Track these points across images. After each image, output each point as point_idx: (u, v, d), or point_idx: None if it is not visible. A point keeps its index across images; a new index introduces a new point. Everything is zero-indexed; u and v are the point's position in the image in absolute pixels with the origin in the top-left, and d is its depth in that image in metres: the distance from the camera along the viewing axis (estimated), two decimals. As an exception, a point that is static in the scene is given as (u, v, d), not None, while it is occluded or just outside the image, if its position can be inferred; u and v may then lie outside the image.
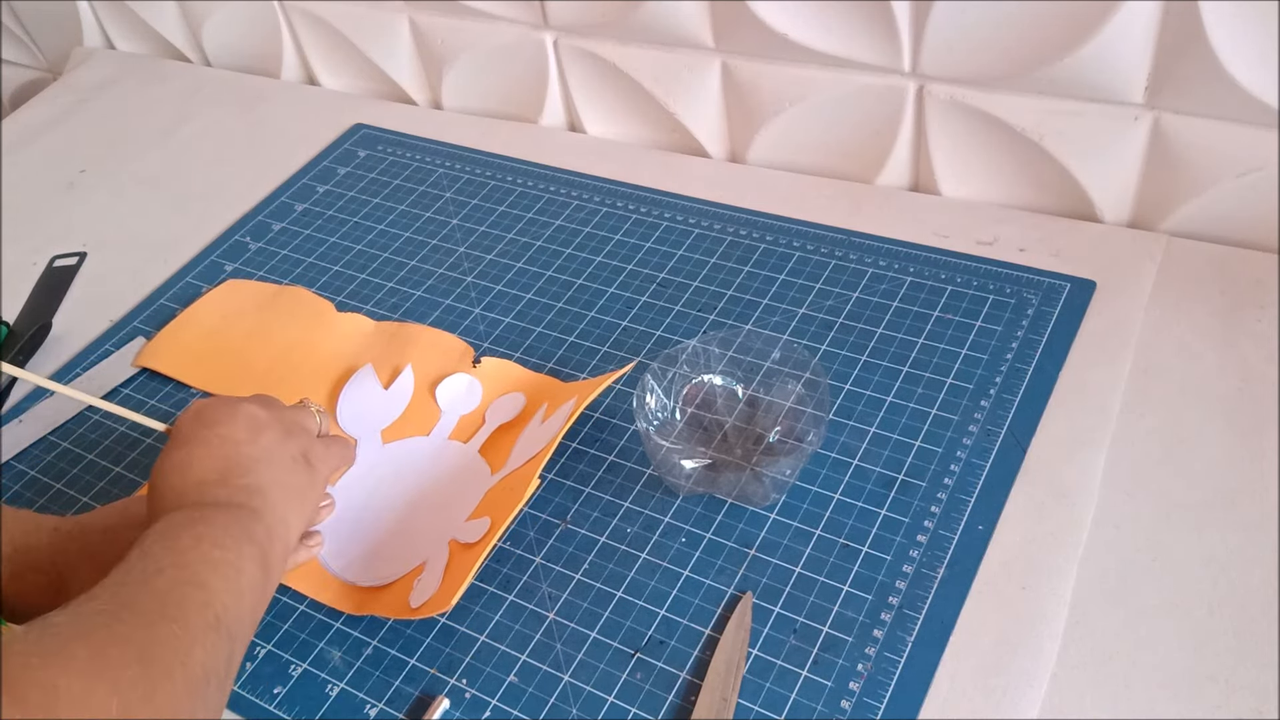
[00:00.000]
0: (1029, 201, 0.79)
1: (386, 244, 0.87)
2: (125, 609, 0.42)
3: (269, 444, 0.56)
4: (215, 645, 0.44)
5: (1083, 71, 0.69)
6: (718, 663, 0.55)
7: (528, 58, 0.93)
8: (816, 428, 0.62)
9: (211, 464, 0.53)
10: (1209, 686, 0.51)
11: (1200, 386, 0.64)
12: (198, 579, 0.45)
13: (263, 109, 1.07)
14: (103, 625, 0.41)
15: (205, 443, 0.54)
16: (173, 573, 0.45)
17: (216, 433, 0.55)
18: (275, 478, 0.55)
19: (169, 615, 0.43)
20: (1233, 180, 0.70)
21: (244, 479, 0.53)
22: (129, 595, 0.44)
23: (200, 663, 0.42)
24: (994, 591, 0.56)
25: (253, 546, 0.50)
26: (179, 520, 0.49)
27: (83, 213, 0.98)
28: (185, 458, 0.54)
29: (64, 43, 1.24)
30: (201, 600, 0.45)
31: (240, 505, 0.52)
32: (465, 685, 0.57)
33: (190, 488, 0.52)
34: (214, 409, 0.56)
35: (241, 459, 0.54)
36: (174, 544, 0.47)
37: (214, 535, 0.48)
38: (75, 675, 0.37)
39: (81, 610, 0.42)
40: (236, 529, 0.50)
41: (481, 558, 0.59)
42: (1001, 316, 0.70)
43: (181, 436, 0.55)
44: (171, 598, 0.44)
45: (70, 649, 0.39)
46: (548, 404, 0.68)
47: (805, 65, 0.80)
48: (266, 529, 0.52)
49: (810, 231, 0.80)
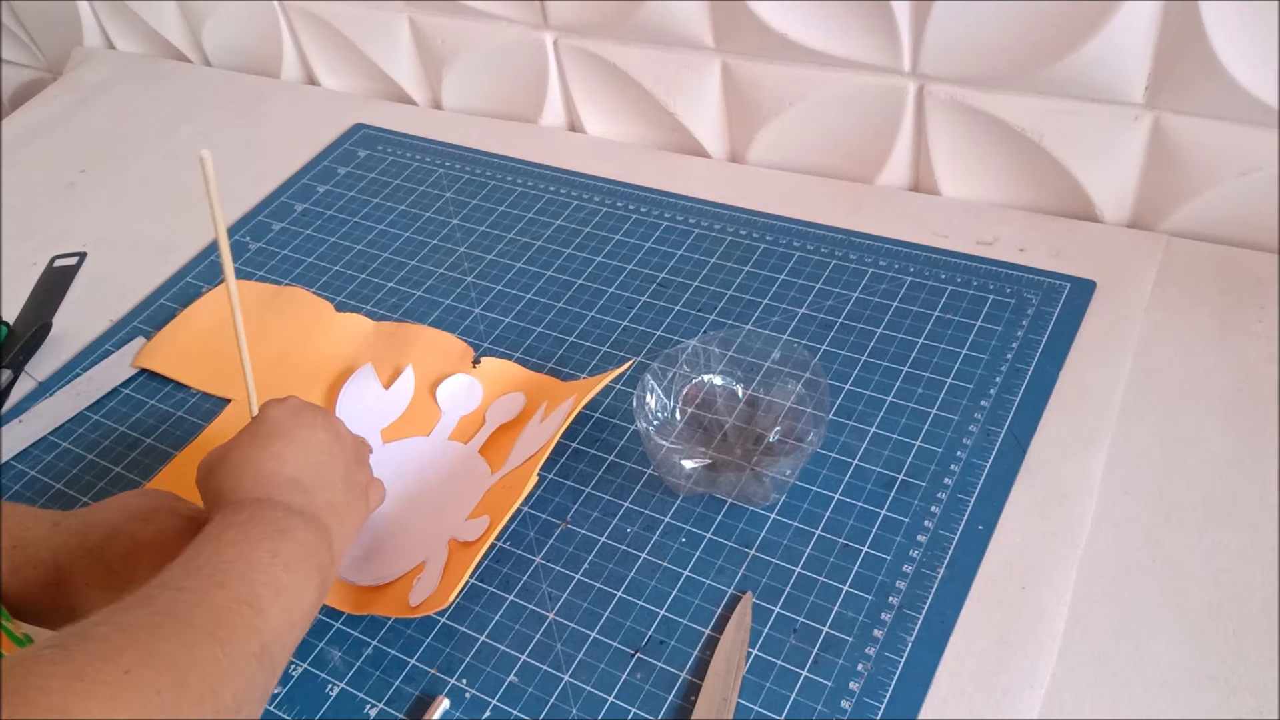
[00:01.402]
0: (1029, 201, 0.79)
1: (386, 244, 0.87)
2: (175, 622, 0.41)
3: (349, 466, 0.56)
4: (254, 675, 0.43)
5: (1083, 71, 0.69)
6: (718, 663, 0.55)
7: (528, 58, 0.93)
8: (816, 428, 0.62)
9: (305, 467, 0.53)
10: (1209, 686, 0.51)
11: (1200, 386, 0.64)
12: (258, 603, 0.44)
13: (263, 109, 1.07)
14: (142, 640, 0.39)
15: (303, 444, 0.54)
16: (236, 587, 0.44)
17: (316, 436, 0.55)
18: (348, 503, 0.55)
19: (218, 636, 0.42)
20: (1233, 180, 0.70)
21: (328, 494, 0.53)
22: (184, 605, 0.42)
23: (234, 693, 0.41)
24: (994, 591, 0.56)
25: (318, 576, 0.49)
26: (263, 523, 0.49)
27: (83, 213, 0.98)
28: (282, 450, 0.53)
29: (64, 43, 1.24)
30: (254, 626, 0.44)
31: (320, 524, 0.51)
32: (465, 685, 0.57)
33: (283, 482, 0.52)
34: (309, 411, 0.56)
35: (330, 474, 0.55)
36: (248, 552, 0.47)
37: (288, 555, 0.48)
38: (95, 702, 0.36)
39: (127, 618, 0.41)
40: (312, 553, 0.49)
41: (479, 555, 0.59)
42: (1001, 316, 0.70)
43: (278, 427, 0.55)
44: (225, 617, 0.43)
45: (97, 670, 0.37)
46: (547, 403, 0.68)
47: (805, 65, 0.80)
48: (332, 557, 0.52)
49: (810, 231, 0.80)
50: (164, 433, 0.75)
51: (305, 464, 0.54)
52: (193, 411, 0.76)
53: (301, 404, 0.57)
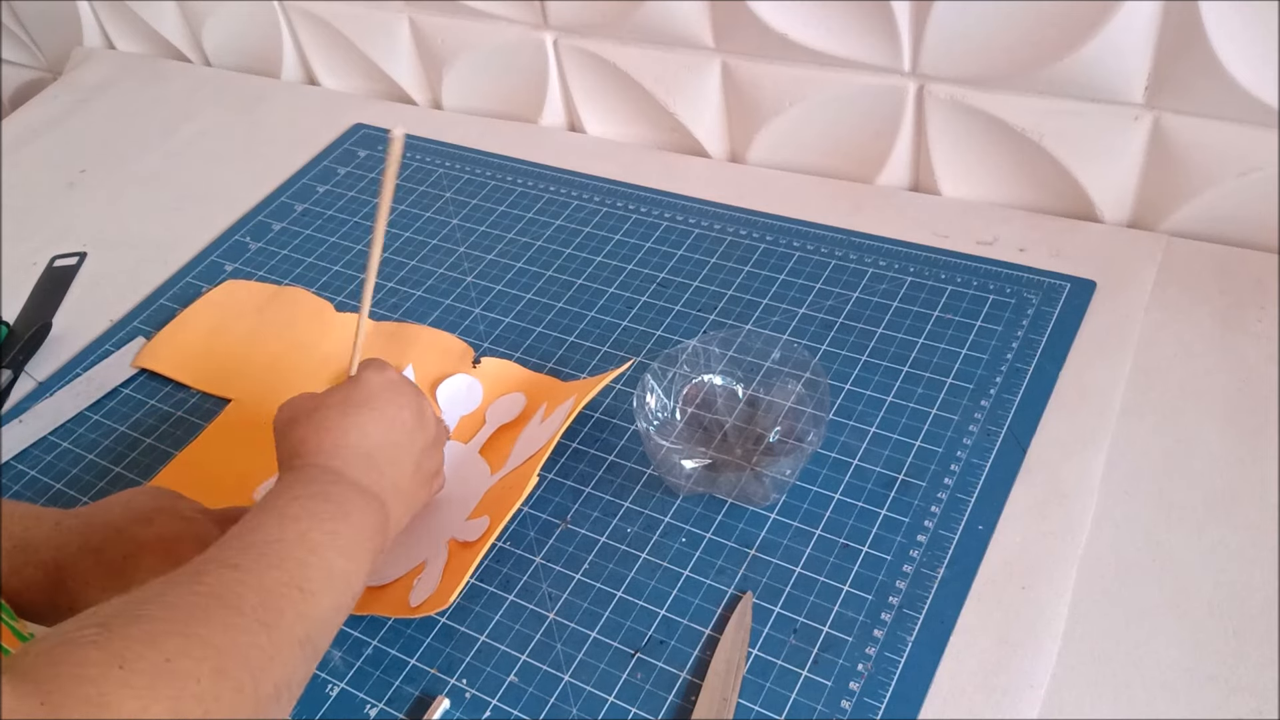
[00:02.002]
0: (1029, 201, 0.79)
1: (386, 244, 0.87)
2: (223, 605, 0.40)
3: (425, 450, 0.56)
4: (296, 662, 0.42)
5: (1083, 71, 0.69)
6: (718, 663, 0.55)
7: (528, 58, 0.93)
8: (816, 428, 0.62)
9: (385, 442, 0.53)
10: (1209, 686, 0.51)
11: (1200, 386, 0.64)
12: (309, 586, 0.44)
13: (263, 109, 1.07)
14: (187, 624, 0.38)
15: (389, 420, 0.54)
16: (291, 569, 0.44)
17: (402, 416, 0.55)
18: (413, 488, 0.55)
19: (265, 621, 0.41)
20: (1233, 180, 0.70)
21: (397, 476, 0.53)
22: (236, 585, 0.42)
23: (274, 679, 0.40)
24: (994, 591, 0.56)
25: (369, 562, 0.49)
26: (329, 499, 0.48)
27: (83, 213, 0.98)
28: (368, 422, 0.53)
29: (64, 43, 1.24)
30: (302, 611, 0.43)
31: (381, 505, 0.51)
32: (465, 685, 0.57)
33: (359, 456, 0.52)
34: (408, 390, 0.56)
35: (405, 455, 0.54)
36: (308, 531, 0.46)
37: (347, 539, 0.47)
38: (133, 691, 0.35)
39: (175, 597, 0.40)
40: (368, 537, 0.49)
41: (480, 555, 0.59)
42: (1001, 316, 0.70)
43: (370, 396, 0.54)
44: (274, 599, 0.42)
45: (139, 655, 0.36)
46: (547, 403, 0.68)
47: (805, 65, 0.80)
48: (385, 541, 0.52)
49: (810, 231, 0.80)
50: (164, 433, 0.75)
51: (384, 441, 0.53)
52: (193, 411, 0.76)
53: (399, 378, 0.57)
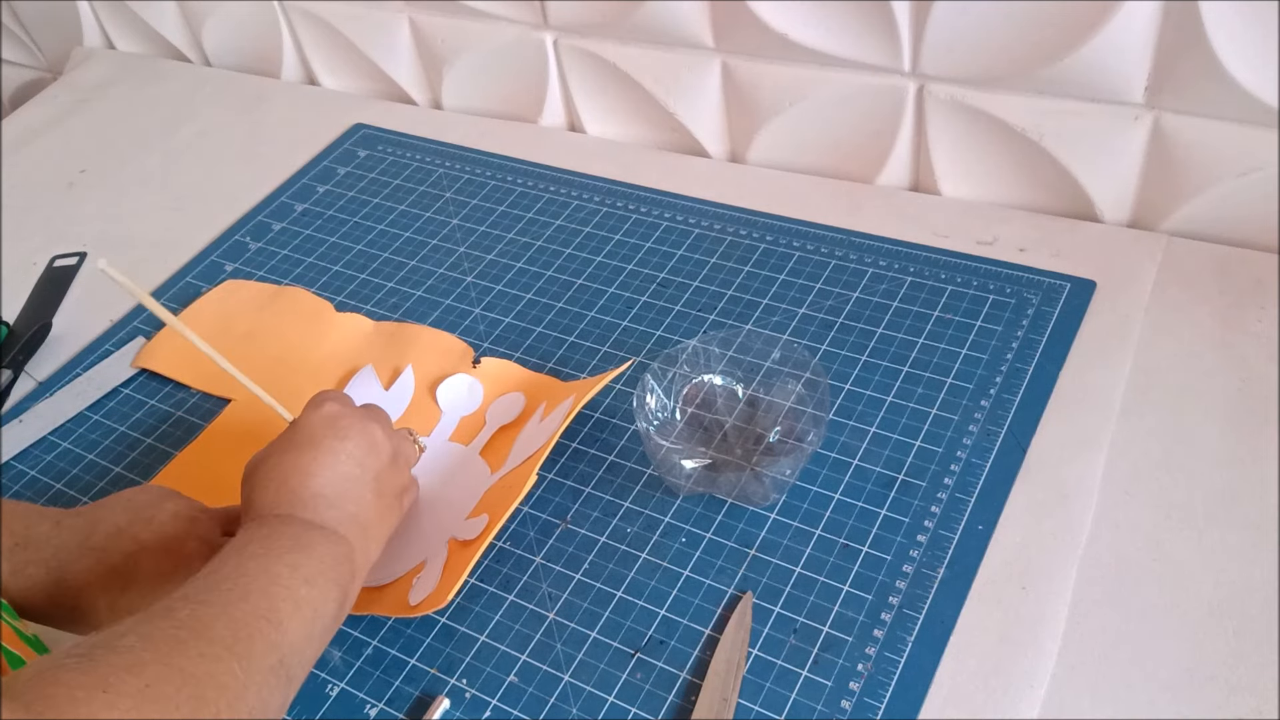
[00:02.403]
0: (1029, 201, 0.79)
1: (386, 244, 0.87)
2: (196, 637, 0.42)
3: (381, 474, 0.56)
4: (272, 689, 0.44)
5: (1083, 71, 0.69)
6: (718, 663, 0.55)
7: (528, 58, 0.93)
8: (816, 428, 0.62)
9: (332, 481, 0.53)
10: (1209, 686, 0.51)
11: (1200, 386, 0.64)
12: (277, 615, 0.45)
13: (263, 109, 1.07)
14: (164, 654, 0.40)
15: (333, 454, 0.54)
16: (256, 601, 0.45)
17: (345, 448, 0.55)
18: (376, 515, 0.55)
19: (237, 651, 0.42)
20: (1233, 180, 0.70)
21: (354, 507, 0.53)
22: (207, 619, 0.43)
23: (250, 707, 0.42)
24: (994, 591, 0.56)
25: (338, 590, 0.50)
26: (284, 538, 0.49)
27: (83, 213, 0.98)
28: (310, 464, 0.53)
29: (64, 43, 1.24)
30: (273, 640, 0.44)
31: (341, 539, 0.52)
32: (465, 685, 0.57)
33: (306, 498, 0.52)
34: (348, 420, 0.56)
35: (358, 487, 0.54)
36: (269, 565, 0.47)
37: (309, 570, 0.48)
38: (119, 713, 0.37)
39: (150, 629, 0.42)
40: (331, 567, 0.50)
41: (479, 553, 0.59)
42: (1001, 316, 0.70)
43: (310, 438, 0.54)
44: (244, 631, 0.43)
45: (121, 681, 0.38)
46: (546, 403, 0.68)
47: (805, 65, 0.80)
48: (353, 572, 0.52)
49: (810, 231, 0.80)
50: (164, 433, 0.75)
51: (332, 477, 0.53)
52: (193, 411, 0.76)
53: (338, 410, 0.56)
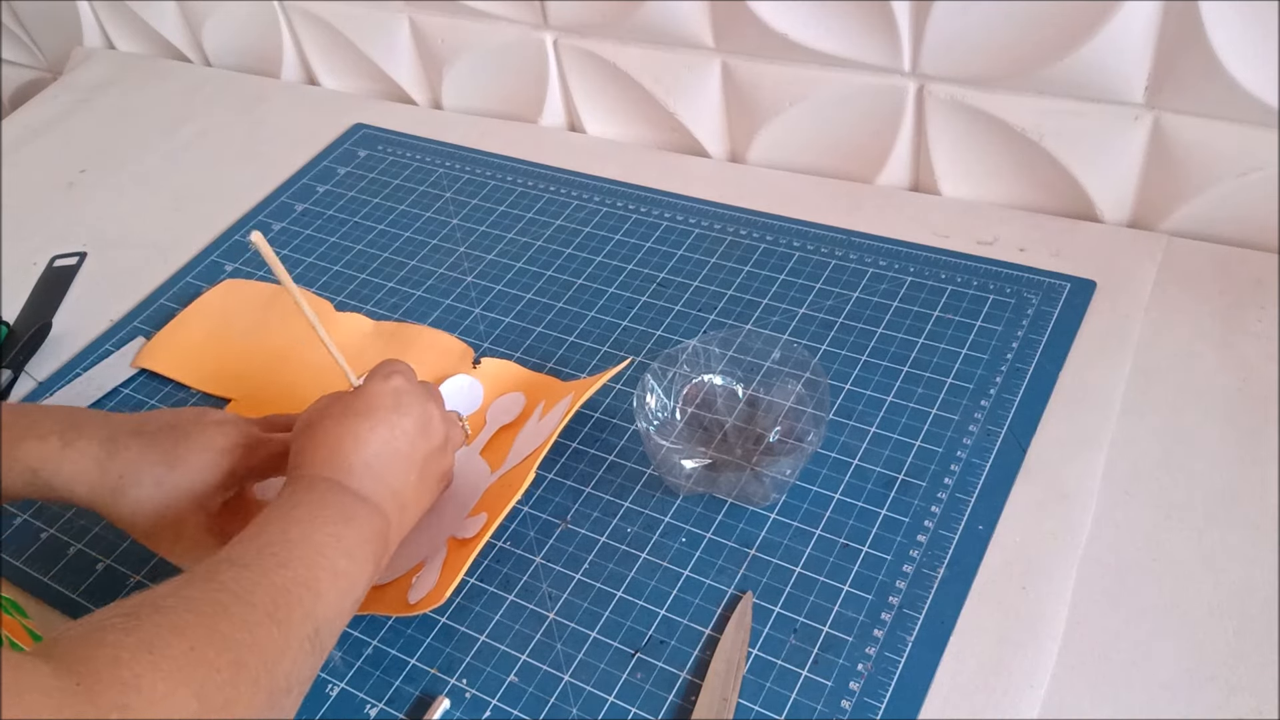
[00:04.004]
0: (1029, 201, 0.79)
1: (386, 244, 0.87)
2: (238, 601, 0.43)
3: (430, 456, 0.58)
4: (306, 657, 0.45)
5: (1083, 71, 0.69)
6: (718, 663, 0.55)
7: (528, 58, 0.93)
8: (816, 428, 0.62)
9: (383, 453, 0.54)
10: (1209, 686, 0.51)
11: (1200, 386, 0.64)
12: (316, 586, 0.47)
13: (263, 109, 1.07)
14: (207, 617, 0.42)
15: (389, 427, 0.55)
16: (298, 569, 0.46)
17: (402, 424, 0.56)
18: (415, 496, 0.57)
19: (277, 618, 0.44)
20: (1233, 180, 0.70)
21: (397, 483, 0.55)
22: (248, 583, 0.44)
23: (287, 673, 0.43)
24: (994, 591, 0.56)
25: (373, 566, 0.51)
26: (329, 507, 0.51)
27: (83, 213, 0.98)
28: (366, 433, 0.54)
29: (64, 43, 1.24)
30: (309, 609, 0.46)
31: (381, 513, 0.53)
32: (465, 685, 0.57)
33: (354, 466, 0.53)
34: (410, 397, 0.57)
35: (406, 463, 0.56)
36: (311, 533, 0.49)
37: (349, 542, 0.50)
38: (162, 675, 0.38)
39: (193, 592, 0.43)
40: (369, 543, 0.51)
41: (476, 550, 0.59)
42: (1001, 316, 0.70)
43: (370, 407, 0.56)
44: (284, 598, 0.45)
45: (167, 642, 0.39)
46: (545, 401, 0.68)
47: (805, 65, 0.80)
48: (387, 546, 0.53)
49: (810, 231, 0.80)
50: (164, 433, 0.75)
51: (383, 450, 0.55)
52: (193, 411, 0.76)
53: (402, 385, 0.58)
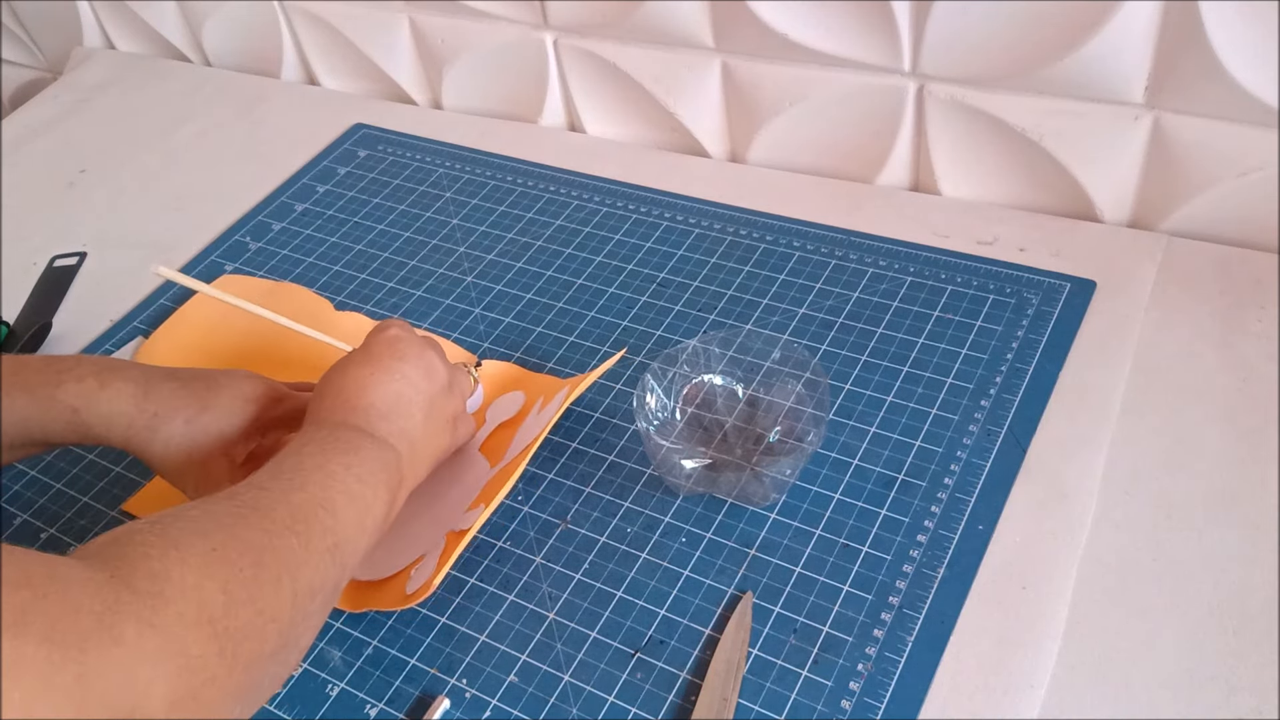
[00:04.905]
0: (1029, 201, 0.79)
1: (386, 244, 0.87)
2: (257, 513, 0.46)
3: (434, 397, 0.61)
4: (327, 568, 0.47)
5: (1083, 71, 0.69)
6: (718, 663, 0.55)
7: (528, 58, 0.93)
8: (816, 428, 0.62)
9: (386, 395, 0.57)
10: (1209, 686, 0.51)
11: (1200, 386, 0.64)
12: (332, 504, 0.49)
13: (263, 109, 1.07)
14: (228, 525, 0.44)
15: (389, 372, 0.58)
16: (314, 491, 0.49)
17: (402, 368, 0.59)
18: (426, 432, 0.60)
19: (295, 530, 0.46)
20: (1233, 180, 0.70)
21: (404, 423, 0.58)
22: (267, 502, 0.47)
23: (308, 580, 0.45)
24: (994, 591, 0.56)
25: (387, 491, 0.54)
26: (339, 441, 0.53)
27: (83, 213, 0.98)
28: (367, 378, 0.58)
29: (64, 43, 1.24)
30: (328, 525, 0.48)
31: (390, 448, 0.56)
32: (465, 685, 0.57)
33: (360, 408, 0.56)
34: (407, 343, 0.60)
35: (410, 404, 0.59)
36: (325, 463, 0.51)
37: (361, 468, 0.52)
38: (189, 568, 0.40)
39: (216, 507, 0.45)
40: (380, 470, 0.54)
41: (466, 539, 0.59)
42: (1001, 316, 0.70)
43: (371, 355, 0.59)
44: (302, 514, 0.47)
45: (190, 541, 0.41)
46: (543, 397, 0.69)
47: (805, 65, 0.80)
48: (401, 478, 0.56)
49: (810, 231, 0.80)
50: (164, 433, 0.75)
51: (386, 393, 0.58)
52: (193, 411, 0.76)
53: (398, 334, 0.61)
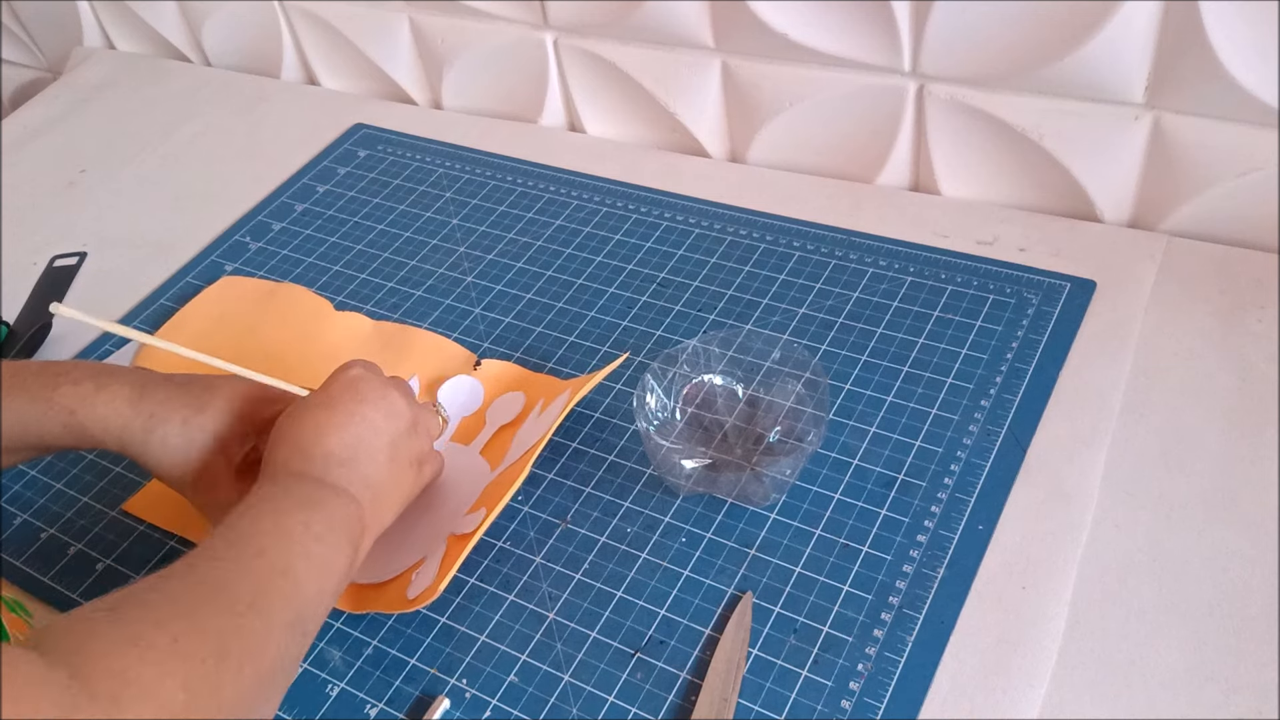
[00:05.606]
0: (1029, 201, 0.79)
1: (386, 244, 0.87)
2: (218, 592, 0.44)
3: (397, 440, 0.58)
4: (289, 642, 0.46)
5: (1083, 71, 0.69)
6: (718, 663, 0.55)
7: (528, 58, 0.93)
8: (816, 428, 0.62)
9: (345, 441, 0.55)
10: (1209, 686, 0.51)
11: (1200, 386, 0.64)
12: (293, 571, 0.47)
13: (263, 109, 1.07)
14: (188, 611, 0.42)
15: (348, 415, 0.56)
16: (273, 557, 0.47)
17: (362, 410, 0.57)
18: (390, 477, 0.57)
19: (257, 607, 0.44)
20: (1233, 180, 0.70)
21: (366, 468, 0.55)
22: (225, 575, 0.45)
23: (272, 658, 0.44)
24: (994, 591, 0.56)
25: (350, 548, 0.52)
26: (294, 497, 0.51)
27: (83, 213, 0.98)
28: (325, 423, 0.55)
29: (64, 43, 1.24)
30: (289, 594, 0.46)
31: (350, 498, 0.53)
32: (465, 685, 0.57)
33: (316, 456, 0.54)
34: (367, 384, 0.58)
35: (371, 448, 0.56)
36: (282, 522, 0.49)
37: (320, 527, 0.50)
38: (150, 665, 0.39)
39: (174, 585, 0.44)
40: (341, 524, 0.52)
41: (470, 544, 0.59)
42: (1001, 316, 0.70)
43: (329, 398, 0.57)
44: (263, 587, 0.46)
45: (150, 636, 0.40)
46: (544, 399, 0.69)
47: (805, 65, 0.80)
48: (364, 529, 0.54)
49: (810, 231, 0.80)
50: (164, 433, 0.74)
51: (345, 438, 0.55)
52: (193, 411, 0.76)
53: (360, 375, 0.59)
